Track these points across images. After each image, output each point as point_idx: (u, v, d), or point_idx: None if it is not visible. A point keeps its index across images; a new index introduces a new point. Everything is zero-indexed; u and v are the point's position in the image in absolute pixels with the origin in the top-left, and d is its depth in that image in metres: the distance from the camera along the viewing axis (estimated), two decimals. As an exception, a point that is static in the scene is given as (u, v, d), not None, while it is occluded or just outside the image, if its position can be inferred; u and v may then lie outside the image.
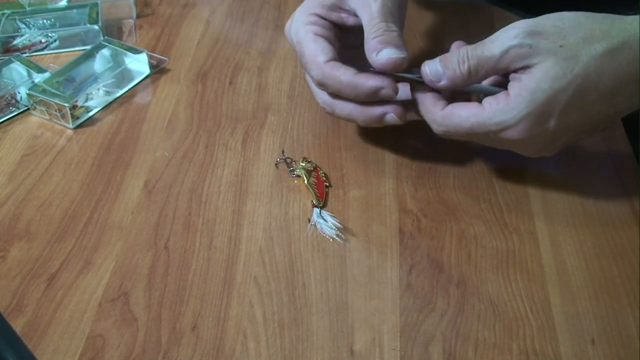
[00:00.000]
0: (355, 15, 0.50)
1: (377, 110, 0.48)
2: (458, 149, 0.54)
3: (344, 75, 0.47)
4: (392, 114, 0.48)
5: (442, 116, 0.47)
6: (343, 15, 0.51)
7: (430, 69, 0.47)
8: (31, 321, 0.42)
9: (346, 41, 0.52)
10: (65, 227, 0.48)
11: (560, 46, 0.43)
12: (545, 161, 0.52)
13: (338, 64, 0.48)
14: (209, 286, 0.44)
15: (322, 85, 0.49)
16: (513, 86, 0.44)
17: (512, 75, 0.45)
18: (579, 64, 0.43)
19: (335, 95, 0.49)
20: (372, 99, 0.48)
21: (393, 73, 0.47)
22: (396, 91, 0.47)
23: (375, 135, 0.55)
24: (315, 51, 0.49)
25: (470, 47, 0.45)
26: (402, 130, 0.56)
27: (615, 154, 0.53)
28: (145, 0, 0.73)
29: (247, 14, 0.71)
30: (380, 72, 0.47)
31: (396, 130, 0.56)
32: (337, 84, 0.48)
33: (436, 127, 0.48)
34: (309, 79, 0.53)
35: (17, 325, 0.42)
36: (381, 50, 0.46)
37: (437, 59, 0.47)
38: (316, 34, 0.50)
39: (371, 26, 0.48)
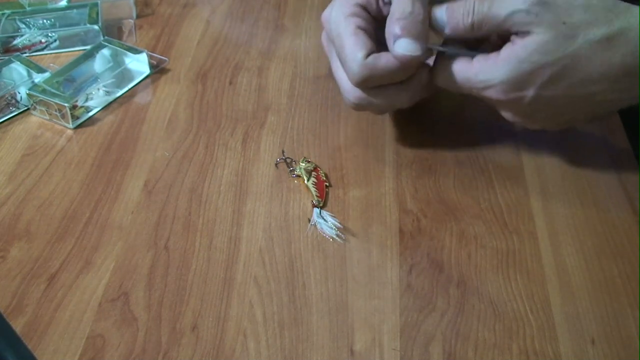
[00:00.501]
0: (390, 4, 0.49)
1: (415, 82, 0.49)
2: (458, 149, 0.54)
3: (388, 61, 0.47)
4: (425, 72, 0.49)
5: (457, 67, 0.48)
6: (381, 4, 0.50)
7: (435, 16, 0.47)
8: (31, 321, 0.42)
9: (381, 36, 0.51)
10: (65, 227, 0.48)
11: (564, 23, 0.43)
12: (545, 161, 0.52)
13: (377, 55, 0.47)
14: (209, 286, 0.44)
15: (364, 81, 0.48)
16: (506, 48, 0.45)
17: (512, 37, 0.45)
18: (574, 45, 0.43)
19: (371, 88, 0.49)
20: (417, 67, 0.48)
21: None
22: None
23: (376, 135, 0.55)
24: (357, 45, 0.47)
25: (478, 1, 0.45)
26: (402, 129, 0.56)
27: (615, 154, 0.53)
28: (145, 0, 0.73)
29: (247, 14, 0.71)
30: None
31: (396, 129, 0.56)
32: (386, 73, 0.47)
33: (435, 79, 0.49)
34: (340, 76, 0.51)
35: (17, 325, 0.42)
36: (399, 39, 0.46)
37: (443, 7, 0.47)
38: (358, 27, 0.48)
39: (397, 3, 0.47)
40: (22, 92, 0.58)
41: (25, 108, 0.59)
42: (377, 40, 0.49)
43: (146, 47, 0.64)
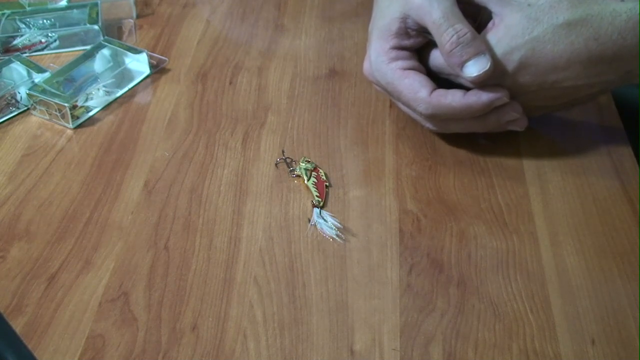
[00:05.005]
0: (421, 30, 0.49)
1: (493, 117, 0.49)
2: (458, 149, 0.54)
3: (454, 100, 0.48)
4: (510, 112, 0.49)
5: (432, 56, 0.50)
6: (412, 34, 0.50)
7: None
8: (31, 321, 0.42)
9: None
10: (65, 227, 0.48)
11: (529, 5, 0.45)
12: (545, 161, 0.52)
13: (442, 91, 0.48)
14: (209, 286, 0.44)
15: (432, 117, 0.50)
16: (482, 35, 0.47)
17: (488, 25, 0.47)
18: (538, 28, 0.45)
19: (444, 120, 0.50)
20: (487, 111, 0.48)
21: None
22: (508, 95, 0.48)
23: (375, 135, 0.55)
24: (413, 87, 0.48)
25: None
26: (402, 129, 0.56)
27: (615, 155, 0.53)
28: (145, 0, 0.73)
29: (247, 14, 0.71)
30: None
31: (396, 129, 0.56)
32: (450, 111, 0.48)
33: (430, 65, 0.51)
34: (407, 111, 0.53)
35: (17, 325, 0.42)
36: (465, 65, 0.46)
37: None
38: (404, 69, 0.49)
39: (439, 35, 0.47)
40: (22, 92, 0.58)
41: (25, 108, 0.59)
42: (428, 72, 0.50)
43: (146, 47, 0.64)
